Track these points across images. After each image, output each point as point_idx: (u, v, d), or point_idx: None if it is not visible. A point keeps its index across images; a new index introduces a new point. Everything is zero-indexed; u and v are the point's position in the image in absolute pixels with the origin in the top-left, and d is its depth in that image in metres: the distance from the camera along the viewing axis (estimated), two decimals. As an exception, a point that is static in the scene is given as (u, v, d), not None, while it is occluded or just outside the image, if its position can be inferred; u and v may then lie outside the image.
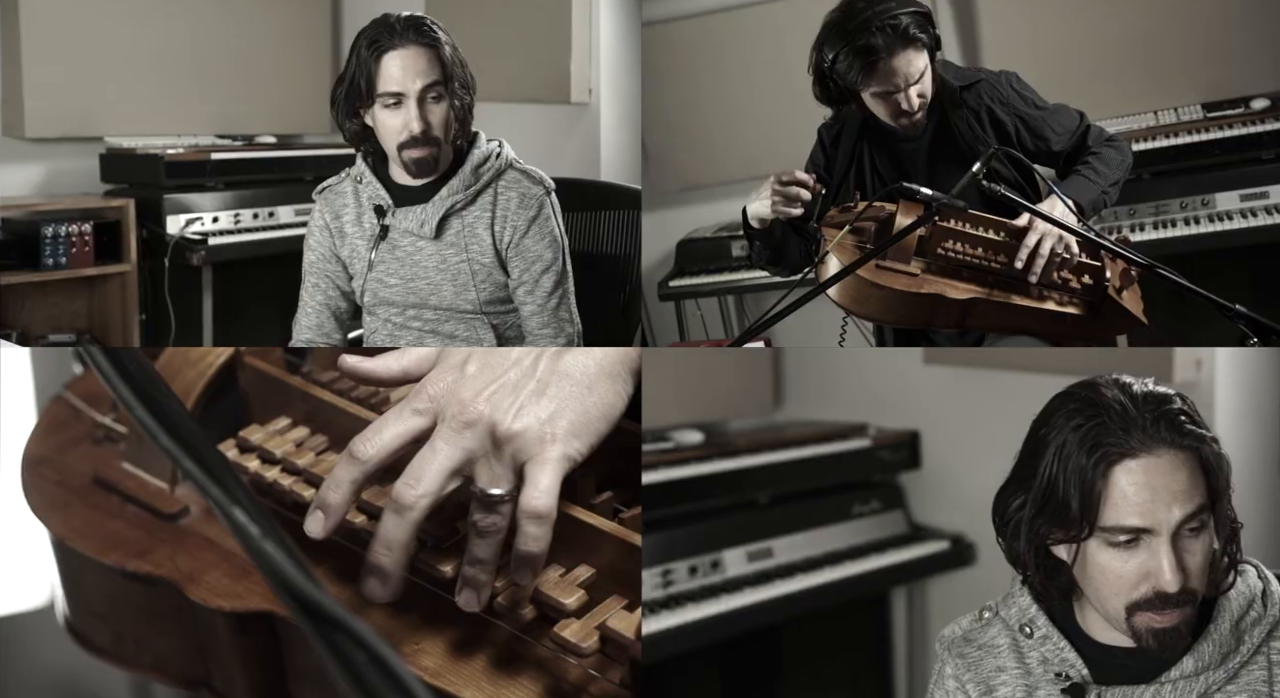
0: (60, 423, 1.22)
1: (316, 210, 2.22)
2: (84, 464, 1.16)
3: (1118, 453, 1.21)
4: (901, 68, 2.08)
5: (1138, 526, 1.20)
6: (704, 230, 3.75)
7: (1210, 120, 3.31)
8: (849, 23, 2.07)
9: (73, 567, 1.09)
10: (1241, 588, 1.28)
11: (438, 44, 2.08)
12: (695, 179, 3.87)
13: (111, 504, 1.10)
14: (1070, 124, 2.24)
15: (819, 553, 2.78)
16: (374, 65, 2.05)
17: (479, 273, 2.12)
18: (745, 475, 2.74)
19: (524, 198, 2.12)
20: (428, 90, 2.05)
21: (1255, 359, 2.70)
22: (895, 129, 2.20)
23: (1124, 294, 2.14)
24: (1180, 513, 1.20)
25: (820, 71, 2.15)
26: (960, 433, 2.98)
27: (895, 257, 2.02)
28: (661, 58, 3.75)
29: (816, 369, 3.31)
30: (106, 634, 1.09)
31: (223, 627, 0.99)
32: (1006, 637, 1.34)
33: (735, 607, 2.52)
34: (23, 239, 3.54)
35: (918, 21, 2.07)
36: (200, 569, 1.01)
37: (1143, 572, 1.21)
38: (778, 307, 1.88)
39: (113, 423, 1.17)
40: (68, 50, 3.69)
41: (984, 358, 2.78)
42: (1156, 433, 1.21)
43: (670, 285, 3.62)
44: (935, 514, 3.03)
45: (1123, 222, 3.27)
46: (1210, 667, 1.24)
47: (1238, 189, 3.21)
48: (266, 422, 1.13)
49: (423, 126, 2.05)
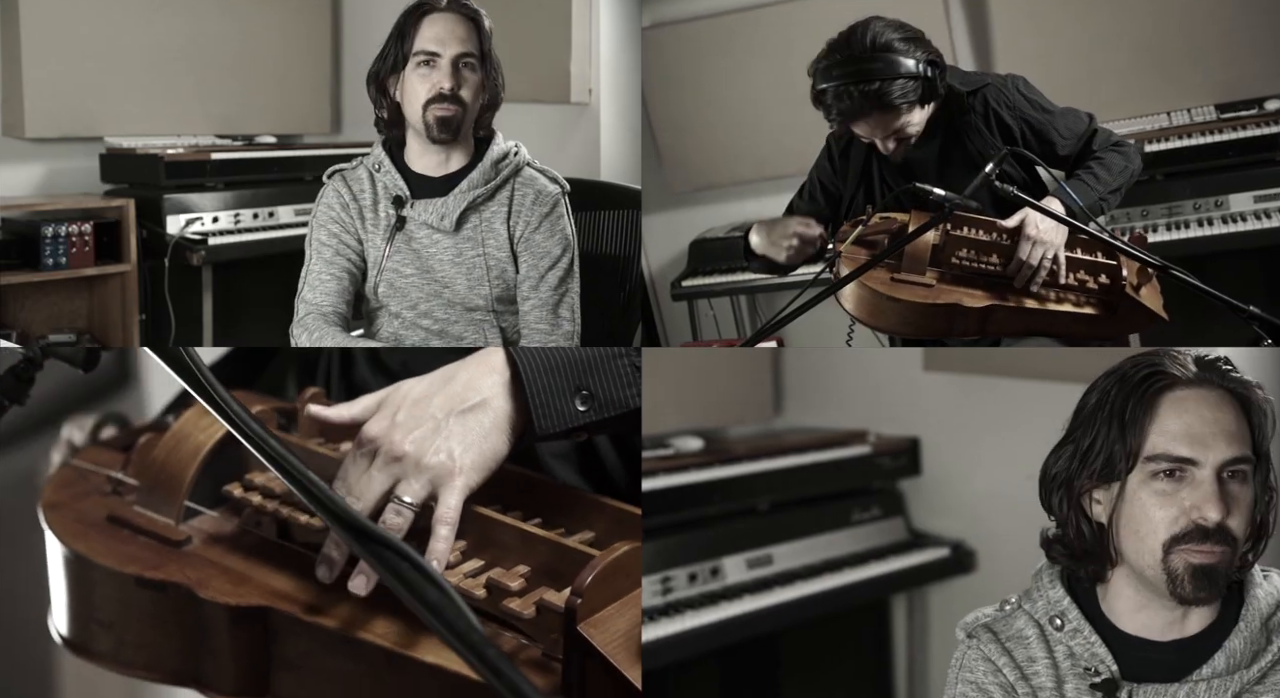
0: (71, 481, 1.42)
1: (332, 189, 2.19)
2: (97, 509, 1.36)
3: (1167, 382, 1.25)
4: (867, 129, 2.08)
5: (1184, 455, 1.22)
6: (717, 230, 3.77)
7: (1224, 121, 3.30)
8: (831, 69, 2.03)
9: (85, 582, 1.28)
10: (1269, 588, 1.28)
11: (479, 19, 2.12)
12: (708, 180, 3.91)
13: (124, 535, 1.31)
14: (1078, 127, 2.22)
15: (819, 560, 2.78)
16: (414, 27, 2.09)
17: (493, 269, 2.11)
18: (745, 482, 2.73)
19: (540, 194, 2.14)
20: (463, 57, 2.08)
21: (1268, 360, 2.67)
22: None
23: (1142, 291, 2.13)
24: (1227, 451, 1.22)
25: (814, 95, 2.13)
26: (960, 439, 2.98)
27: (910, 268, 2.02)
28: (670, 59, 3.78)
29: (817, 375, 3.32)
30: (109, 641, 1.27)
31: (225, 620, 1.19)
32: (1034, 629, 1.33)
33: (735, 614, 2.51)
34: (23, 239, 3.53)
35: (900, 86, 2.00)
36: (207, 578, 1.23)
37: (1184, 506, 1.22)
38: (790, 306, 1.88)
39: (124, 476, 1.38)
40: (68, 50, 3.68)
41: (984, 364, 2.76)
42: (1204, 373, 1.25)
43: (683, 285, 3.65)
44: (935, 521, 3.03)
45: (1135, 222, 3.25)
46: (1241, 665, 1.24)
47: (1251, 190, 3.21)
48: (265, 472, 1.34)
49: (453, 85, 2.07)
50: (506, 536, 1.26)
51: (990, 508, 2.75)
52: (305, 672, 1.19)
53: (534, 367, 1.28)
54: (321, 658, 1.18)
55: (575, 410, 1.29)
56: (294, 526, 1.29)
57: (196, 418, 1.38)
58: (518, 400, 1.28)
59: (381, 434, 1.24)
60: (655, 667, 2.43)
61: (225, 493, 1.33)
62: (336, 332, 2.08)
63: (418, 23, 2.10)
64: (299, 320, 2.10)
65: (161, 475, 1.35)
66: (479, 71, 2.10)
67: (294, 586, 1.23)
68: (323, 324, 2.09)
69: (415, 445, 1.22)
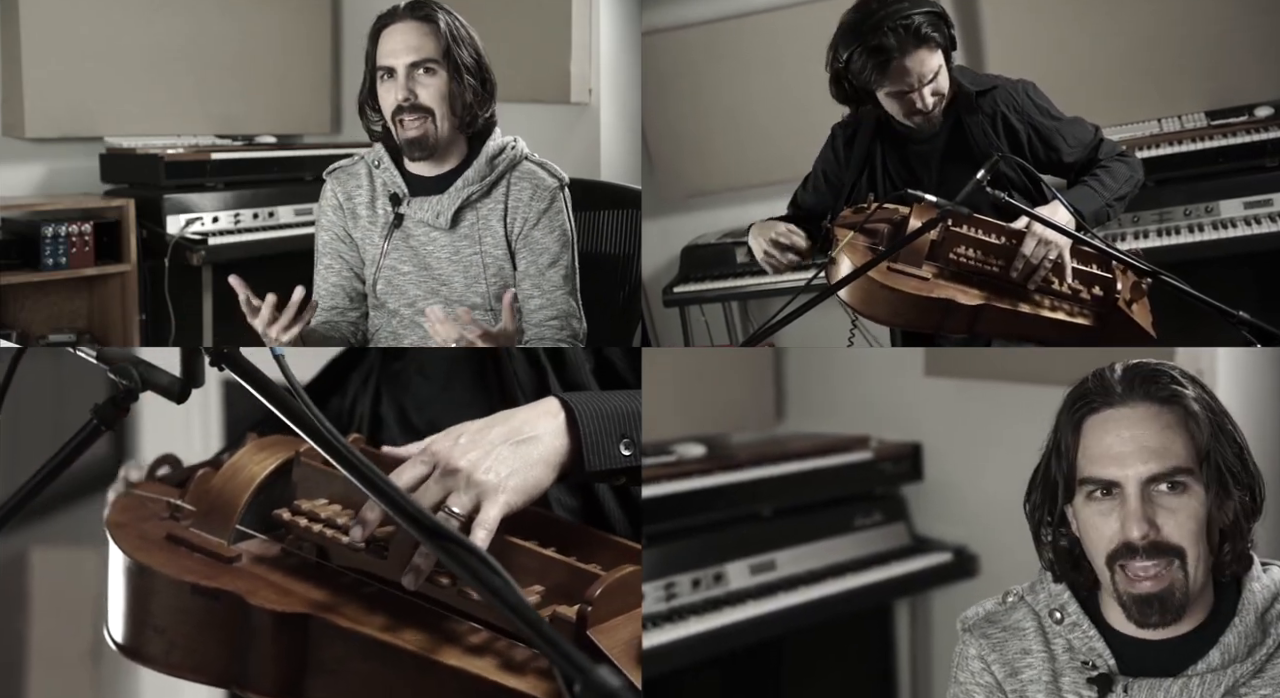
0: (132, 506, 1.53)
1: (328, 189, 2.22)
2: (156, 530, 1.47)
3: (1090, 407, 1.28)
4: (914, 67, 2.09)
5: (1105, 476, 1.25)
6: (708, 236, 3.76)
7: (1214, 128, 3.32)
8: (863, 23, 2.08)
9: (144, 590, 1.40)
10: (1266, 582, 1.29)
11: (435, 19, 2.10)
12: (699, 186, 3.89)
13: (181, 551, 1.43)
14: (1084, 137, 2.25)
15: (822, 566, 2.79)
16: (374, 43, 2.11)
17: (490, 266, 2.12)
18: (748, 488, 2.75)
19: (537, 190, 2.14)
20: (417, 64, 2.08)
21: (1257, 362, 2.70)
22: (910, 130, 2.21)
23: (1134, 307, 2.14)
24: (1147, 467, 1.24)
25: (836, 71, 2.16)
26: (962, 445, 3.00)
27: (907, 260, 2.03)
28: (665, 65, 3.76)
29: (818, 381, 3.33)
30: (161, 645, 1.38)
31: (270, 626, 1.31)
32: (1033, 621, 1.35)
33: (738, 620, 2.53)
34: (23, 239, 3.53)
35: (931, 20, 2.08)
36: (255, 588, 1.35)
37: (1114, 527, 1.25)
38: (786, 310, 1.90)
39: (183, 503, 1.48)
40: (68, 50, 3.67)
41: (985, 369, 2.78)
42: (1129, 389, 1.27)
43: (675, 291, 3.63)
44: (937, 526, 3.05)
45: (1127, 228, 3.27)
46: (1236, 659, 1.26)
47: (1242, 197, 3.23)
48: (311, 501, 1.46)
49: (406, 95, 2.07)
50: (525, 558, 1.37)
51: (992, 513, 2.76)
52: (340, 676, 1.30)
53: (587, 413, 1.42)
54: (355, 663, 1.28)
55: (620, 454, 1.43)
56: (333, 549, 1.40)
57: (253, 452, 1.50)
58: (568, 441, 1.41)
59: (444, 450, 1.38)
60: (659, 673, 2.45)
61: (275, 516, 1.43)
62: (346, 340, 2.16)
63: (377, 38, 2.11)
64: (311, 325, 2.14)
65: (217, 502, 1.46)
66: (441, 74, 2.08)
67: (333, 598, 1.34)
68: (331, 333, 2.17)
69: (470, 463, 1.36)
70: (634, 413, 1.46)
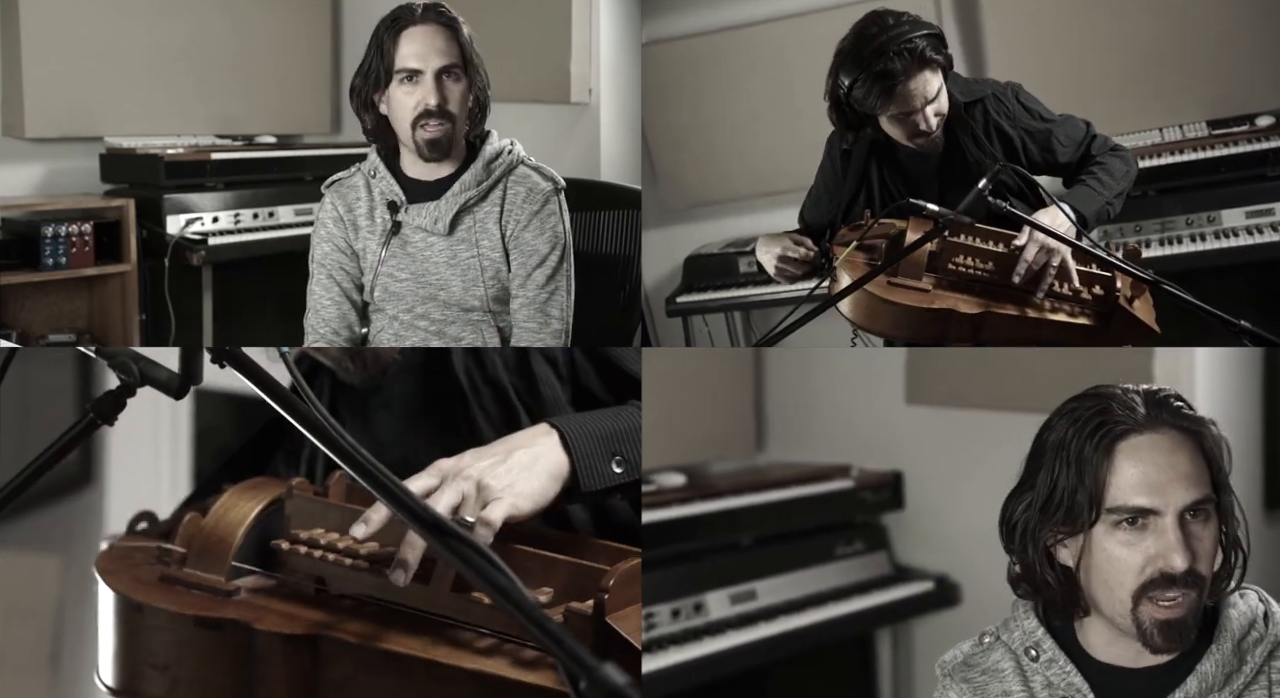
0: (120, 555, 1.53)
1: (328, 203, 2.21)
2: (149, 574, 1.48)
3: (1121, 430, 1.24)
4: (919, 89, 2.09)
5: (1144, 505, 1.22)
6: (711, 246, 3.75)
7: (1215, 137, 3.31)
8: (864, 48, 2.08)
9: (140, 629, 1.40)
10: (1243, 609, 1.29)
11: (456, 25, 2.11)
12: (702, 196, 3.88)
13: (178, 589, 1.44)
14: (1077, 135, 2.25)
15: (802, 595, 2.76)
16: (393, 43, 2.09)
17: (488, 269, 2.13)
18: (728, 517, 2.71)
19: (530, 192, 2.14)
20: (445, 70, 2.09)
21: (1235, 362, 2.70)
22: (905, 147, 2.21)
23: (1135, 304, 2.15)
24: (1186, 496, 1.22)
25: (836, 98, 2.16)
26: (943, 473, 2.97)
27: (906, 273, 2.04)
28: (667, 75, 3.75)
29: (799, 410, 3.29)
30: (163, 683, 1.39)
31: (279, 649, 1.32)
32: (1010, 661, 1.35)
33: (718, 649, 2.51)
34: (23, 239, 3.52)
35: (932, 43, 2.08)
36: (259, 615, 1.37)
37: (1149, 554, 1.22)
38: (788, 320, 1.90)
39: (172, 547, 1.48)
40: (68, 50, 3.66)
41: (967, 397, 2.77)
42: (1157, 415, 1.24)
43: (678, 301, 3.62)
44: (919, 555, 3.02)
45: (1129, 237, 3.27)
46: (1214, 688, 1.25)
47: (1243, 206, 3.23)
48: (308, 531, 1.48)
49: (439, 101, 2.07)
50: (530, 562, 1.40)
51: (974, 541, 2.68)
52: (352, 693, 1.32)
53: (578, 434, 1.46)
54: (367, 678, 1.31)
55: (613, 472, 1.47)
56: (331, 576, 1.42)
57: (239, 494, 1.52)
58: (567, 457, 1.47)
59: (451, 465, 1.44)
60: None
61: (273, 547, 1.45)
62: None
63: (396, 37, 2.09)
64: (316, 343, 2.15)
65: (210, 540, 1.46)
66: (463, 80, 2.10)
67: (337, 618, 1.37)
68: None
69: (480, 471, 1.42)
70: (625, 430, 1.49)
